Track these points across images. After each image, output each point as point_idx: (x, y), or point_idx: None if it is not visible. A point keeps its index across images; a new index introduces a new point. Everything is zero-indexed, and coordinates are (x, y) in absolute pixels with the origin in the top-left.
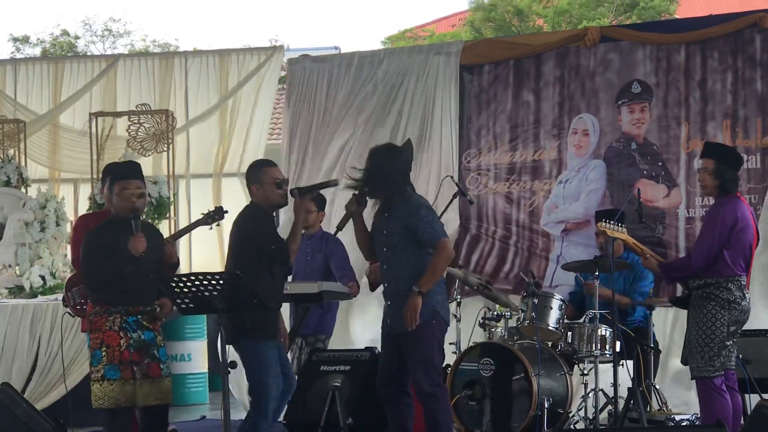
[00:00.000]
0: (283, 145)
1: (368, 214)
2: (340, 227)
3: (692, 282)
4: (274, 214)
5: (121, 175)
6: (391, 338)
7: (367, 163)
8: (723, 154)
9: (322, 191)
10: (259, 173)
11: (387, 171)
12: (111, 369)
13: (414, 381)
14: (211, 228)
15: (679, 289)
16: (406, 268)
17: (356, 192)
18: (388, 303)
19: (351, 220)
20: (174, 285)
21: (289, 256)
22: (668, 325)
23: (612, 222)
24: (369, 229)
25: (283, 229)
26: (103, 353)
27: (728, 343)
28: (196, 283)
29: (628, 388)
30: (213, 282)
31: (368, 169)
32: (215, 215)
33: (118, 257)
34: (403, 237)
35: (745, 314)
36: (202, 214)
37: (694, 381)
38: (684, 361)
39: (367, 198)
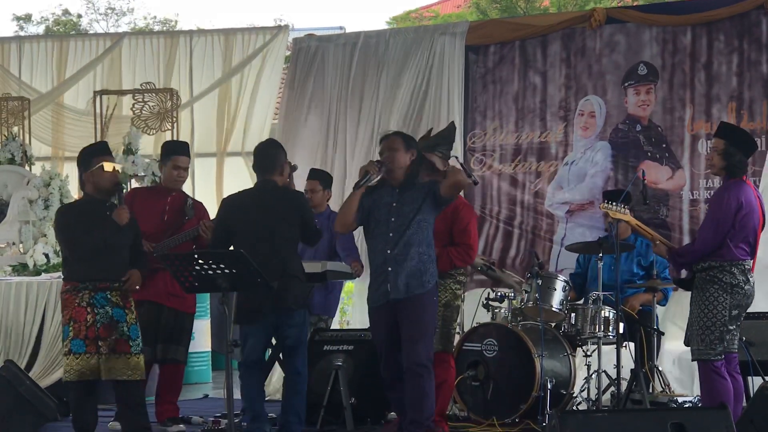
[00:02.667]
0: (279, 124)
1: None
2: (357, 184)
3: (696, 264)
4: None
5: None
6: (387, 310)
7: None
8: (735, 135)
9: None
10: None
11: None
12: (77, 344)
13: (411, 350)
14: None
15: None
16: (417, 234)
17: (380, 160)
18: (389, 269)
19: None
20: (178, 264)
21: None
22: (667, 306)
23: (615, 203)
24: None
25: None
26: (71, 328)
27: (731, 327)
28: (200, 261)
29: (631, 370)
30: (217, 261)
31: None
32: None
33: (102, 229)
34: (420, 207)
35: (748, 298)
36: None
37: (695, 363)
38: (687, 342)
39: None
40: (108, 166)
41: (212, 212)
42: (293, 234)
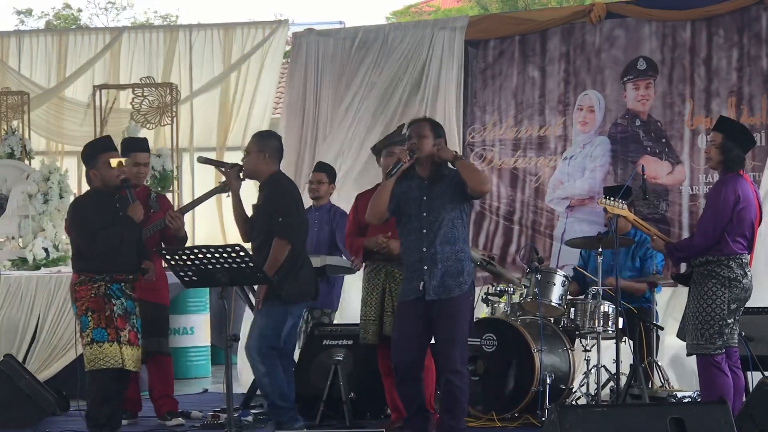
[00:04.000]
0: (281, 119)
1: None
2: (390, 173)
3: (694, 259)
4: None
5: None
6: (418, 306)
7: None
8: (733, 130)
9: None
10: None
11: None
12: (98, 332)
13: (447, 356)
14: (228, 195)
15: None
16: (452, 231)
17: (412, 149)
18: (425, 267)
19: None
20: (178, 258)
21: None
22: (666, 301)
23: (613, 198)
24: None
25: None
26: (89, 318)
27: (729, 321)
28: (200, 256)
29: (630, 365)
30: (217, 255)
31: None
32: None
33: (119, 224)
34: (451, 200)
35: (746, 292)
36: (220, 182)
37: (693, 358)
38: (680, 336)
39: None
40: (114, 162)
41: (211, 206)
42: None
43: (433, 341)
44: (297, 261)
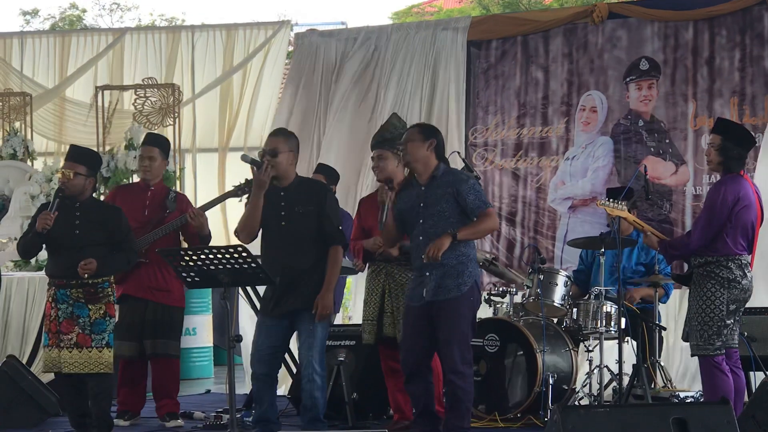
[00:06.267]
0: (280, 120)
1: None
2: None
3: (694, 260)
4: None
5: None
6: (422, 310)
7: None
8: (731, 131)
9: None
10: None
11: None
12: (45, 337)
13: (446, 356)
14: (240, 200)
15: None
16: None
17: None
18: (426, 274)
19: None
20: (180, 259)
21: None
22: (676, 303)
23: (613, 200)
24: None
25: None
26: (44, 323)
27: (729, 322)
28: (202, 257)
29: (633, 365)
30: (219, 256)
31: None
32: (246, 187)
33: (30, 229)
34: (447, 205)
35: (745, 293)
36: (234, 185)
37: (696, 359)
38: (685, 338)
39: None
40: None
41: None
42: None
43: None
44: None
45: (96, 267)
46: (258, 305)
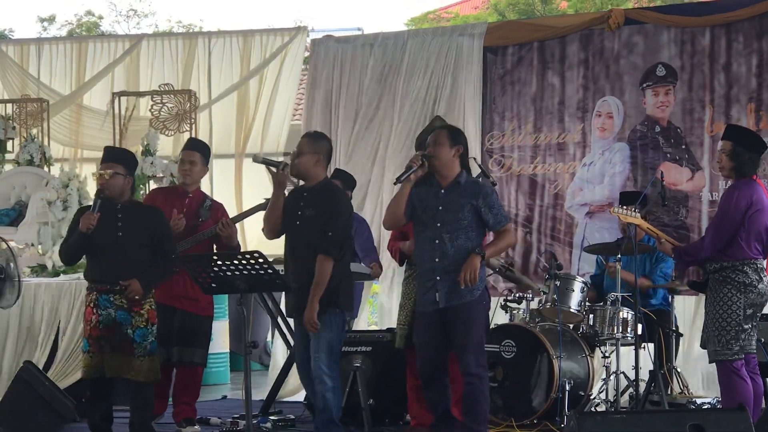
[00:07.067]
0: (302, 126)
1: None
2: (399, 178)
3: (709, 265)
4: None
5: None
6: (435, 315)
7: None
8: (741, 136)
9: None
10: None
11: (465, 146)
12: (85, 342)
13: (462, 360)
14: None
15: None
16: (466, 244)
17: (427, 153)
18: (437, 278)
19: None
20: (197, 265)
21: None
22: (691, 309)
23: (625, 207)
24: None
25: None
26: (83, 327)
27: (746, 327)
28: (219, 262)
29: (650, 371)
30: (235, 262)
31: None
32: None
33: (71, 233)
34: (468, 215)
35: (762, 297)
36: (265, 199)
37: (714, 365)
38: (703, 345)
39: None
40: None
41: (231, 213)
42: None
43: None
44: (347, 269)
45: (140, 288)
46: (273, 310)
